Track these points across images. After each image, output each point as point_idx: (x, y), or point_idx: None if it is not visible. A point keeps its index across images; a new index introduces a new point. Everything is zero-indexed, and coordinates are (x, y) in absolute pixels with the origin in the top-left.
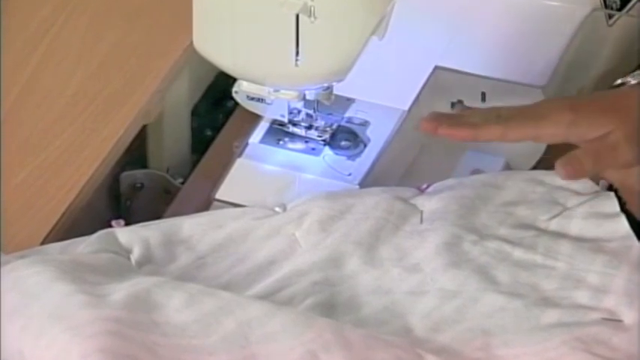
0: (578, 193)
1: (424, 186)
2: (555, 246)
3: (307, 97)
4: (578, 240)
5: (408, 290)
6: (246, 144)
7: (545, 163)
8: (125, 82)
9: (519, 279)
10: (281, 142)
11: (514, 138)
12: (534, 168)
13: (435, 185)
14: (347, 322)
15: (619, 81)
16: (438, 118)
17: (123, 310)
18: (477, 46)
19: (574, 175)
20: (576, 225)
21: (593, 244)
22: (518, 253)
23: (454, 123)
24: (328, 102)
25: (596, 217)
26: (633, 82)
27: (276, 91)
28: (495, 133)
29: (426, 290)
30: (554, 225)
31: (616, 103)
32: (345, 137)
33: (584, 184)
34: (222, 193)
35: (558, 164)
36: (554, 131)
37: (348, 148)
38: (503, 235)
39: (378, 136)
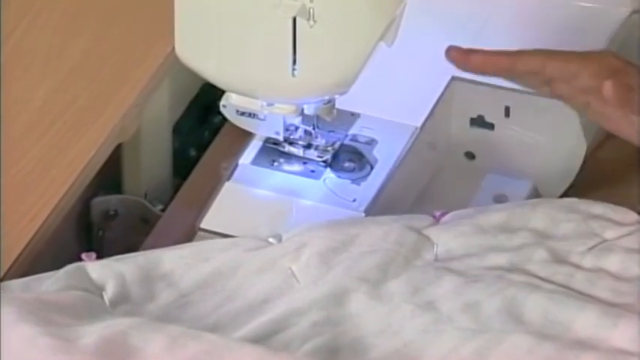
0: (618, 223)
1: (439, 213)
2: (592, 281)
3: (305, 112)
4: (618, 277)
5: (422, 329)
6: (236, 165)
7: (578, 188)
8: (97, 95)
9: (550, 316)
10: (275, 164)
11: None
12: (565, 194)
13: (452, 214)
14: None
15: None
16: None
17: (95, 355)
18: None
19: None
20: (616, 260)
21: (635, 283)
22: (549, 287)
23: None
24: (329, 117)
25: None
26: None
27: (270, 105)
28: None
29: (442, 329)
30: (590, 258)
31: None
32: (349, 158)
33: (625, 214)
34: (208, 222)
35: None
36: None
37: (352, 170)
38: (532, 271)
39: (386, 156)
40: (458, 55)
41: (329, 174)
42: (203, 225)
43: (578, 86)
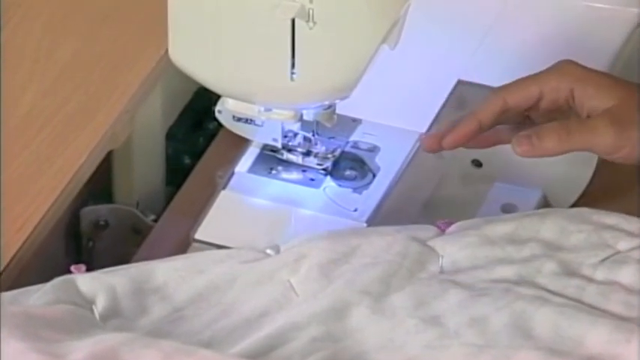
0: (631, 234)
1: (444, 223)
2: (604, 295)
3: (305, 118)
4: (632, 291)
5: (427, 344)
6: (232, 173)
7: (590, 198)
8: (87, 99)
9: (560, 331)
10: (273, 172)
11: (513, 103)
12: (576, 203)
13: (458, 224)
14: None
15: None
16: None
17: None
18: (508, 56)
19: (531, 153)
20: (629, 272)
21: None
22: (559, 301)
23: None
24: (330, 123)
25: None
26: None
27: (268, 110)
28: (493, 105)
29: (447, 345)
30: (602, 270)
31: None
32: (350, 165)
33: (638, 225)
34: (202, 233)
35: (516, 138)
36: None
37: (353, 178)
38: (542, 284)
39: (389, 163)
40: (431, 146)
41: (329, 182)
42: (197, 236)
43: (544, 107)
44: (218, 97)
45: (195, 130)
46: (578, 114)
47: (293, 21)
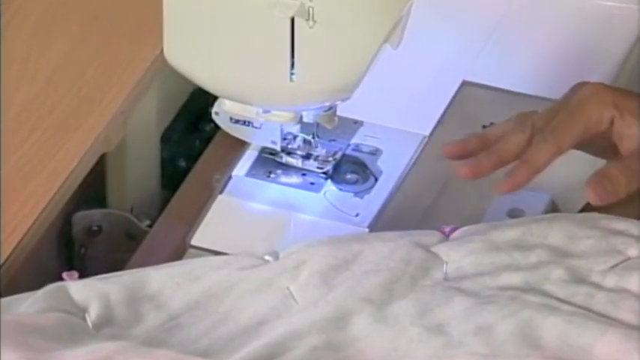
0: None
1: (449, 229)
2: (614, 303)
3: (304, 120)
4: None
5: (430, 353)
6: (229, 177)
7: None
8: (79, 101)
9: (569, 340)
10: (272, 175)
11: (567, 149)
12: (585, 208)
13: (462, 230)
14: None
15: None
16: (472, 162)
17: None
18: (514, 56)
19: (607, 197)
20: (639, 279)
21: None
22: (567, 309)
23: (495, 160)
24: (330, 125)
25: None
26: None
27: (266, 112)
28: (549, 154)
29: (452, 354)
30: (612, 277)
31: None
32: (352, 169)
33: None
34: (199, 238)
35: (588, 185)
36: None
37: (354, 182)
38: (549, 291)
39: (391, 167)
40: (473, 173)
41: (330, 186)
42: (194, 242)
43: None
44: (215, 98)
45: (192, 133)
46: (610, 138)
47: (292, 19)
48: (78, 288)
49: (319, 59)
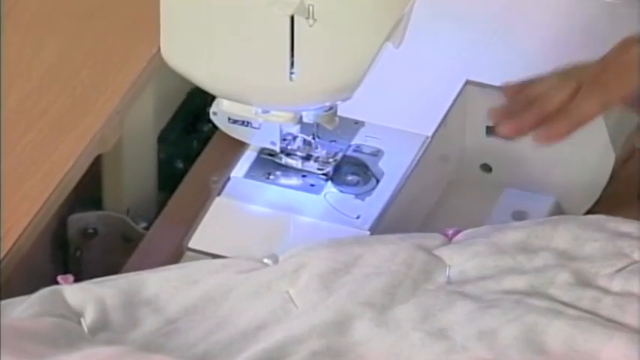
0: None
1: (452, 232)
2: (621, 307)
3: (304, 120)
4: None
5: (433, 358)
6: (227, 179)
7: (605, 204)
8: (74, 101)
9: (575, 345)
10: (271, 177)
11: (614, 104)
12: (591, 210)
13: (465, 232)
14: None
15: None
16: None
17: None
18: (518, 55)
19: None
20: None
21: None
22: (573, 313)
23: (537, 117)
24: (331, 126)
25: None
26: None
27: (266, 112)
28: (596, 107)
29: (454, 359)
30: (618, 281)
31: None
32: (353, 170)
33: None
34: (196, 241)
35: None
36: None
37: (355, 184)
38: (554, 295)
39: (393, 168)
40: (515, 130)
41: (330, 188)
42: (191, 244)
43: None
44: (213, 98)
45: (189, 133)
46: None
47: (292, 17)
48: (73, 292)
49: (319, 58)
